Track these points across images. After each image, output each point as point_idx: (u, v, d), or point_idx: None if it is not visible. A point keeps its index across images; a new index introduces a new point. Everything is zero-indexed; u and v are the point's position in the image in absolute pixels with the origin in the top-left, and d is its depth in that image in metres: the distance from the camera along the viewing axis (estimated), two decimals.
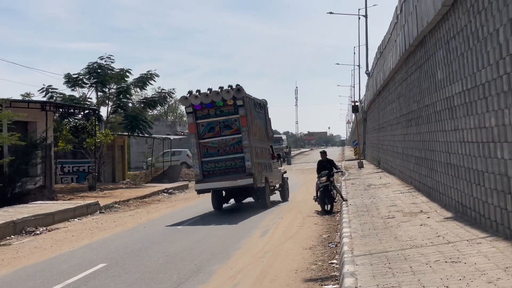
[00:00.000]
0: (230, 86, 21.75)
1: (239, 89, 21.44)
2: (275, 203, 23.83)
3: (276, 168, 25.12)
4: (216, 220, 19.46)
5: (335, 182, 20.77)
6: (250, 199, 23.90)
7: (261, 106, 24.87)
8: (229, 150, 21.78)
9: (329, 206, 19.46)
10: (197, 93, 21.68)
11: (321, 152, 22.09)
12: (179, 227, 18.02)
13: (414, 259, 9.57)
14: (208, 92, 21.61)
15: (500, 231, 10.72)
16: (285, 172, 26.36)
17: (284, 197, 25.04)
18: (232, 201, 24.17)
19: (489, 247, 9.76)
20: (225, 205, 23.40)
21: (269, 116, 26.05)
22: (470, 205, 13.04)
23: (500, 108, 10.30)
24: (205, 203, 25.01)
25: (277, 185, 25.06)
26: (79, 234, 17.31)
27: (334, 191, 20.03)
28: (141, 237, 16.25)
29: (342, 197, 20.48)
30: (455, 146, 14.16)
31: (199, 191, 22.27)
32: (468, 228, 12.03)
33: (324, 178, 19.73)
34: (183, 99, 22.03)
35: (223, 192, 22.96)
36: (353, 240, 12.04)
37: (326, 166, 20.74)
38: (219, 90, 21.55)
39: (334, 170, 20.77)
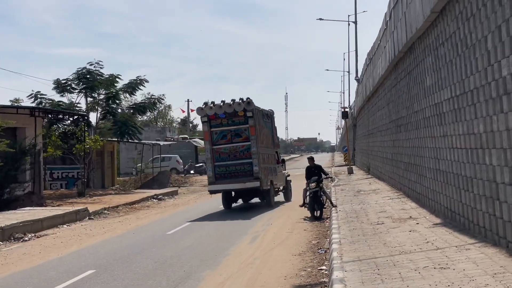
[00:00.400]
0: (241, 99, 24.09)
1: (249, 102, 23.93)
2: (279, 203, 25.91)
3: (281, 171, 27.34)
4: (205, 226, 19.43)
5: (324, 188, 20.79)
6: (255, 200, 26.38)
7: (268, 116, 27.37)
8: (239, 156, 24.28)
9: (318, 212, 19.48)
10: (212, 105, 24.03)
11: (308, 158, 22.22)
12: (169, 233, 17.97)
13: (403, 265, 9.58)
14: (222, 104, 23.99)
15: (488, 237, 10.75)
16: (288, 175, 28.44)
17: (287, 197, 27.40)
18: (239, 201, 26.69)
19: (477, 253, 9.79)
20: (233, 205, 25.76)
21: (275, 125, 28.63)
22: (459, 211, 13.08)
23: (489, 114, 10.35)
24: (194, 209, 25.04)
25: (281, 187, 27.39)
26: (68, 241, 17.24)
27: (324, 197, 20.07)
28: (130, 243, 16.19)
29: (331, 203, 20.49)
30: (444, 152, 14.22)
31: (212, 192, 24.87)
32: (457, 234, 12.07)
33: (313, 184, 19.76)
34: (200, 110, 24.36)
35: (232, 193, 25.30)
36: (343, 246, 12.04)
37: (314, 172, 20.78)
38: (231, 102, 23.93)
39: (323, 176, 20.81)
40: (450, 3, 12.96)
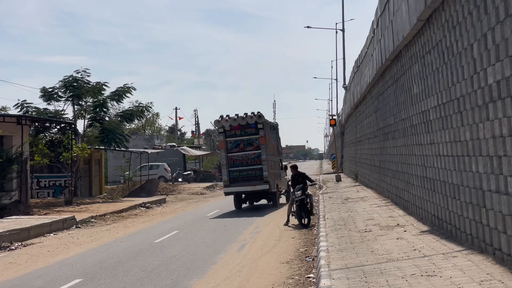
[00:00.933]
0: (253, 113, 27.69)
1: (260, 115, 27.67)
2: (282, 204, 28.19)
3: (283, 176, 31.02)
4: (193, 234, 19.38)
5: (312, 197, 20.66)
6: (262, 201, 29.68)
7: (274, 127, 31.54)
8: (250, 162, 27.85)
9: (306, 219, 19.48)
10: (227, 117, 27.67)
11: (291, 167, 22.26)
12: (156, 241, 17.92)
13: (390, 273, 9.60)
14: (236, 117, 27.63)
15: (475, 245, 10.79)
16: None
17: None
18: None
19: (464, 261, 9.82)
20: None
21: (279, 135, 32.53)
22: (446, 219, 13.12)
23: (475, 122, 10.40)
24: (182, 217, 24.98)
25: (284, 190, 30.58)
26: (55, 249, 17.15)
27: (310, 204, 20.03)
28: (117, 251, 16.13)
29: (312, 211, 20.30)
30: (431, 160, 14.27)
31: (227, 193, 28.29)
32: (444, 241, 12.10)
33: (299, 193, 19.77)
34: (217, 122, 28.13)
35: (243, 196, 28.59)
36: (330, 254, 12.05)
37: (299, 180, 20.78)
38: (244, 116, 27.57)
39: (308, 183, 20.79)
40: (437, 11, 13.04)
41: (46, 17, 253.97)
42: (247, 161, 27.83)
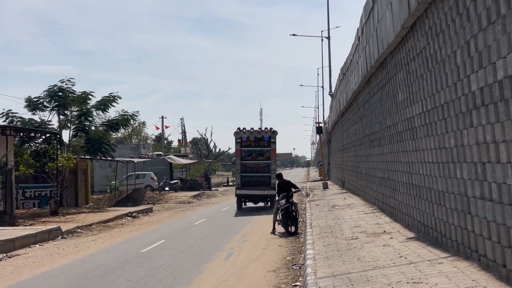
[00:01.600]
0: (266, 128, 33.72)
1: (274, 131, 33.25)
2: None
3: None
4: (180, 243, 19.34)
5: (297, 205, 20.61)
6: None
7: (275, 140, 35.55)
8: (261, 170, 32.72)
9: (293, 227, 19.50)
10: (244, 130, 33.14)
11: (276, 176, 22.41)
12: (143, 251, 17.86)
13: (376, 280, 9.62)
14: (252, 130, 33.19)
15: (461, 251, 10.84)
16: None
17: None
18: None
19: (450, 267, 9.86)
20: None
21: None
22: (431, 225, 13.17)
23: (459, 129, 10.46)
24: (169, 226, 24.91)
25: None
26: (40, 260, 17.05)
27: (296, 211, 20.01)
28: (103, 262, 16.06)
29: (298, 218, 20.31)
30: (417, 167, 14.34)
31: (238, 195, 32.64)
32: (430, 248, 12.15)
33: (283, 201, 19.81)
34: (236, 133, 33.23)
35: (243, 199, 32.89)
36: (317, 262, 12.06)
37: (284, 188, 20.83)
38: (259, 130, 33.43)
39: (293, 190, 20.84)
40: (420, 19, 13.13)
41: (30, 27, 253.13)
42: (257, 169, 32.72)
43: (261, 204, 33.61)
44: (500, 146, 8.48)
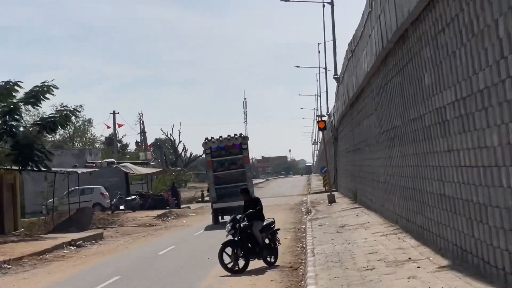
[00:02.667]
0: (235, 134, 39.46)
1: (244, 137, 39.78)
2: None
3: None
4: (139, 281, 19.29)
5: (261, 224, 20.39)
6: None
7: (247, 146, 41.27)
8: (235, 180, 37.74)
9: (272, 258, 19.50)
10: (213, 139, 39.04)
11: (241, 191, 21.79)
12: None
13: None
14: (221, 138, 39.00)
15: (509, 283, 10.83)
16: None
17: None
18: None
19: None
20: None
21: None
22: (471, 249, 13.18)
23: (504, 122, 10.42)
24: (125, 258, 24.84)
25: None
26: None
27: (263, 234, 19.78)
28: None
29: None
30: (450, 172, 14.33)
31: (215, 209, 38.60)
32: (469, 279, 12.17)
33: (229, 226, 19.68)
34: (205, 144, 39.16)
35: (219, 212, 38.77)
36: None
37: (250, 207, 20.73)
38: (229, 137, 38.99)
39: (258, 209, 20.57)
40: None
41: None
42: (232, 179, 38.24)
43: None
44: None
